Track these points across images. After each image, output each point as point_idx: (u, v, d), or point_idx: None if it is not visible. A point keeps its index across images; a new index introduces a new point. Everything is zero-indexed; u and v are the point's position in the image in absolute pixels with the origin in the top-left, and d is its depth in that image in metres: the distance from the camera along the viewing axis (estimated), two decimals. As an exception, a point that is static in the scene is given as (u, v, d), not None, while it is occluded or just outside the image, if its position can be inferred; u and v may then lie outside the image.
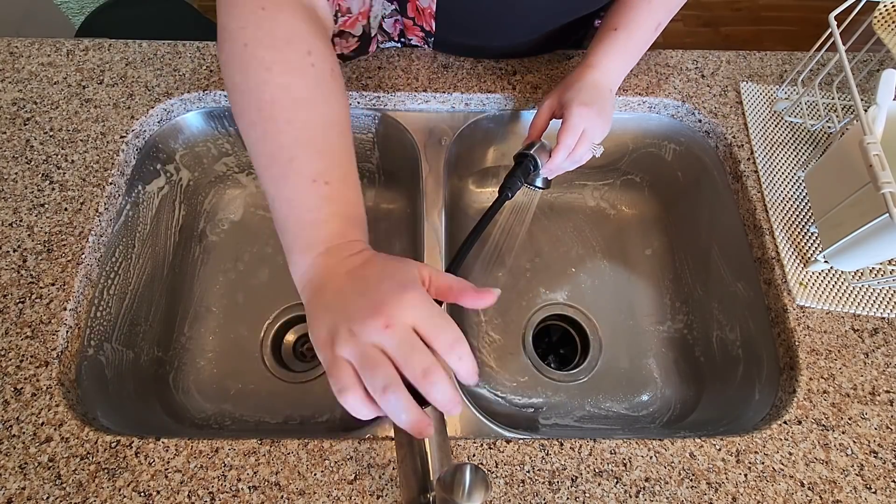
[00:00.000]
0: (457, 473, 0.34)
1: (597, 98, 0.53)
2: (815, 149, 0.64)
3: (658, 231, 0.78)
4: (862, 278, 0.55)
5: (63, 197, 0.57)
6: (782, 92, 0.67)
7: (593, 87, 0.53)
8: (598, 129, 0.53)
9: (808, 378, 0.51)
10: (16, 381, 0.48)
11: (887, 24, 0.60)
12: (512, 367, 0.70)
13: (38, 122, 0.62)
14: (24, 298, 0.51)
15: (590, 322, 0.72)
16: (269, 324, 0.70)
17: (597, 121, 0.52)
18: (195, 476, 0.45)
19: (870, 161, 0.44)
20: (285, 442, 0.47)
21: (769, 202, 0.60)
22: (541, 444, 0.47)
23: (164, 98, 0.64)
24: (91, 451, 0.46)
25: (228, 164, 0.75)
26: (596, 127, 0.52)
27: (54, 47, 0.67)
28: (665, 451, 0.47)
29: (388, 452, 0.47)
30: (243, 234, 0.75)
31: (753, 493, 0.46)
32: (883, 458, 0.47)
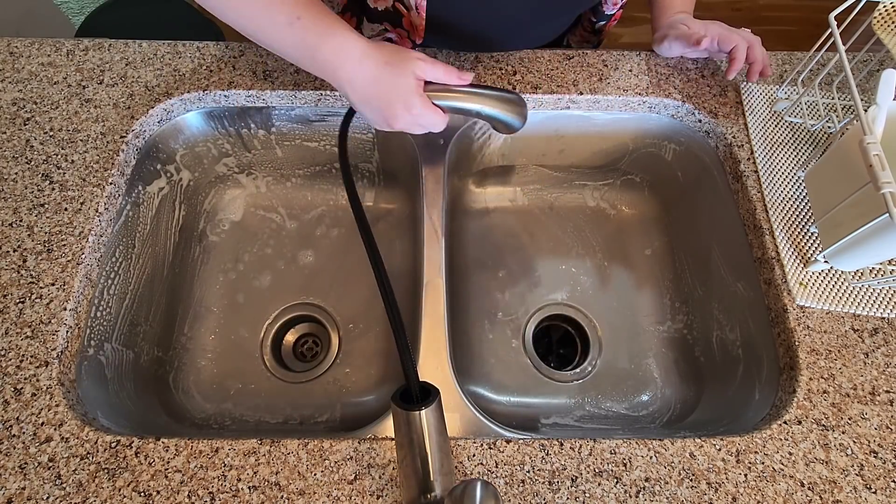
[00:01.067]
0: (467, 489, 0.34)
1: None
2: (815, 149, 0.64)
3: (658, 231, 0.78)
4: (862, 278, 0.55)
5: (63, 197, 0.57)
6: (782, 92, 0.67)
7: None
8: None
9: (808, 378, 0.51)
10: (16, 381, 0.48)
11: (887, 25, 0.60)
12: (512, 367, 0.70)
13: (38, 122, 0.62)
14: (24, 298, 0.51)
15: (590, 322, 0.72)
16: (269, 324, 0.70)
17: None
18: (195, 476, 0.45)
19: (870, 161, 0.44)
20: (285, 442, 0.47)
21: (769, 202, 0.60)
22: (541, 444, 0.47)
23: (164, 98, 0.64)
24: (91, 451, 0.46)
25: (229, 164, 0.75)
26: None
27: (54, 47, 0.67)
28: (665, 451, 0.47)
29: (388, 452, 0.47)
30: (243, 234, 0.75)
31: (753, 493, 0.46)
32: (883, 458, 0.47)
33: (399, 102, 0.47)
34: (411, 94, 0.47)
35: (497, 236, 0.78)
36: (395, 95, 0.47)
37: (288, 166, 0.76)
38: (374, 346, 0.70)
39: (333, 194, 0.78)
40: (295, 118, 0.69)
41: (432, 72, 0.48)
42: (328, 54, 0.47)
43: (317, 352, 0.71)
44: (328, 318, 0.71)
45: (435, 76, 0.48)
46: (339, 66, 0.47)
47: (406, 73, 0.47)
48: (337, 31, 0.47)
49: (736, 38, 0.64)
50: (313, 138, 0.72)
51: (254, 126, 0.70)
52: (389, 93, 0.47)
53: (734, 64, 0.64)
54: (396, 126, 0.49)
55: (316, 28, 0.47)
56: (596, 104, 0.68)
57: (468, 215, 0.79)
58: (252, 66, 0.66)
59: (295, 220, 0.77)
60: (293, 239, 0.76)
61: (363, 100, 0.48)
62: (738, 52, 0.63)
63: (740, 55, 0.64)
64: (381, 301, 0.71)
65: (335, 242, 0.76)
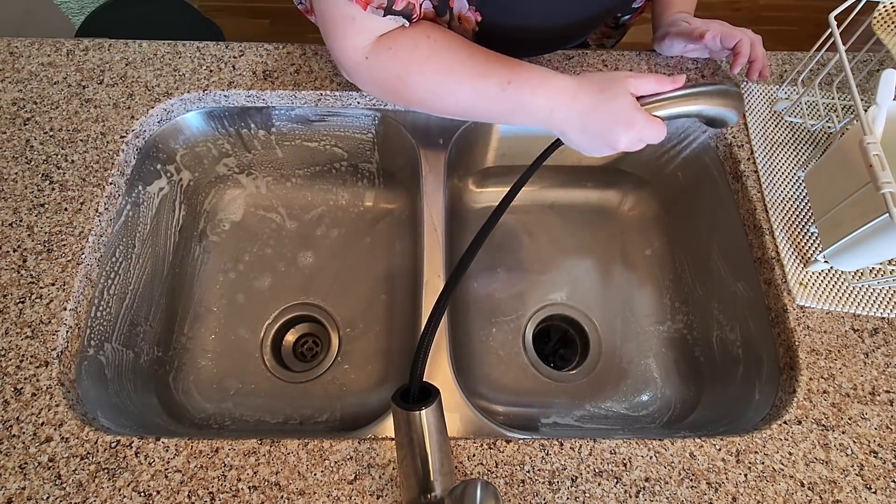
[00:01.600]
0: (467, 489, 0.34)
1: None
2: (815, 149, 0.64)
3: (658, 231, 0.78)
4: (862, 278, 0.55)
5: (63, 197, 0.57)
6: (782, 92, 0.67)
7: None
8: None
9: (808, 378, 0.51)
10: (16, 381, 0.48)
11: (887, 25, 0.60)
12: (512, 366, 0.70)
13: (38, 122, 0.62)
14: (24, 298, 0.51)
15: (590, 322, 0.72)
16: (269, 324, 0.70)
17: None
18: (195, 476, 0.45)
19: (870, 161, 0.44)
20: (285, 442, 0.47)
21: (769, 202, 0.60)
22: (541, 444, 0.47)
23: (164, 98, 0.64)
24: (91, 451, 0.46)
25: (229, 164, 0.75)
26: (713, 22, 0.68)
27: (54, 47, 0.67)
28: (665, 451, 0.47)
29: (388, 452, 0.47)
30: (243, 234, 0.75)
31: (753, 493, 0.46)
32: (883, 458, 0.47)
33: (620, 124, 0.47)
34: (631, 112, 0.47)
35: (497, 236, 0.78)
36: (614, 118, 0.47)
37: (288, 166, 0.76)
38: (374, 346, 0.70)
39: (333, 194, 0.78)
40: (295, 118, 0.69)
41: (644, 85, 0.48)
42: (543, 103, 0.49)
43: (317, 352, 0.71)
44: (328, 318, 0.71)
45: (647, 88, 0.48)
46: (554, 109, 0.49)
47: (620, 93, 0.47)
48: (545, 80, 0.49)
49: (739, 34, 0.64)
50: (313, 138, 0.72)
51: (254, 126, 0.70)
52: (609, 117, 0.48)
53: (738, 58, 0.64)
54: (620, 147, 0.49)
55: (527, 86, 0.49)
56: (596, 104, 0.68)
57: (468, 215, 0.79)
58: (252, 66, 0.66)
59: (295, 221, 0.77)
60: (293, 239, 0.76)
61: (583, 131, 0.49)
62: (742, 47, 0.64)
63: (745, 49, 0.64)
64: (380, 301, 0.72)
65: (335, 242, 0.76)
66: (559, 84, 0.49)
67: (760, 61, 0.65)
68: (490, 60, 0.50)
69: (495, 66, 0.50)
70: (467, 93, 0.50)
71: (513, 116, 0.51)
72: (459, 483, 0.35)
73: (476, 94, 0.50)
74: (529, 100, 0.49)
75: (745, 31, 0.65)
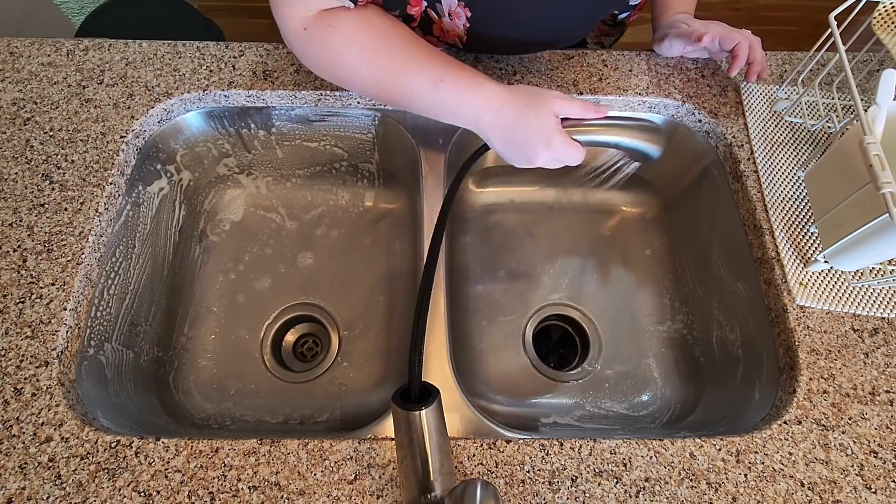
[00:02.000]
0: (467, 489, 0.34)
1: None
2: (815, 149, 0.64)
3: (658, 231, 0.78)
4: (862, 278, 0.55)
5: (63, 197, 0.57)
6: (782, 92, 0.67)
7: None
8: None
9: (808, 378, 0.51)
10: (16, 381, 0.48)
11: (886, 25, 0.60)
12: (512, 366, 0.70)
13: (38, 122, 0.62)
14: (24, 298, 0.51)
15: (590, 322, 0.72)
16: (269, 324, 0.70)
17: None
18: (195, 476, 0.45)
19: (870, 161, 0.44)
20: (285, 442, 0.47)
21: (769, 202, 0.60)
22: (541, 444, 0.47)
23: (164, 98, 0.64)
24: (91, 451, 0.46)
25: (229, 164, 0.75)
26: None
27: (54, 47, 0.67)
28: (665, 451, 0.47)
29: (388, 452, 0.47)
30: (243, 234, 0.75)
31: (753, 493, 0.46)
32: (883, 458, 0.47)
33: (540, 141, 0.49)
34: (551, 133, 0.48)
35: (497, 236, 0.78)
36: (535, 135, 0.49)
37: (288, 166, 0.76)
38: (374, 346, 0.70)
39: (333, 194, 0.78)
40: (295, 118, 0.69)
41: (569, 108, 0.50)
42: (471, 107, 0.51)
43: (317, 352, 0.71)
44: (328, 318, 0.71)
45: (571, 112, 0.50)
46: (482, 115, 0.51)
47: (544, 112, 0.49)
48: (476, 84, 0.50)
49: (738, 37, 0.64)
50: (313, 138, 0.72)
51: (254, 126, 0.70)
52: (530, 133, 0.49)
53: (736, 61, 0.64)
54: (537, 162, 0.50)
55: (457, 86, 0.50)
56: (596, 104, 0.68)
57: (468, 215, 0.79)
58: (252, 66, 0.66)
59: (295, 221, 0.77)
60: (293, 239, 0.76)
61: (505, 141, 0.51)
62: (741, 49, 0.64)
63: (743, 52, 0.64)
64: (380, 301, 0.72)
65: (335, 242, 0.76)
66: (489, 92, 0.50)
67: (759, 63, 0.65)
68: (428, 56, 0.51)
69: (431, 62, 0.50)
70: (398, 84, 0.51)
71: (442, 114, 0.52)
72: (459, 483, 0.35)
73: (407, 87, 0.51)
74: (458, 102, 0.51)
75: (745, 32, 0.65)
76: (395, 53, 0.50)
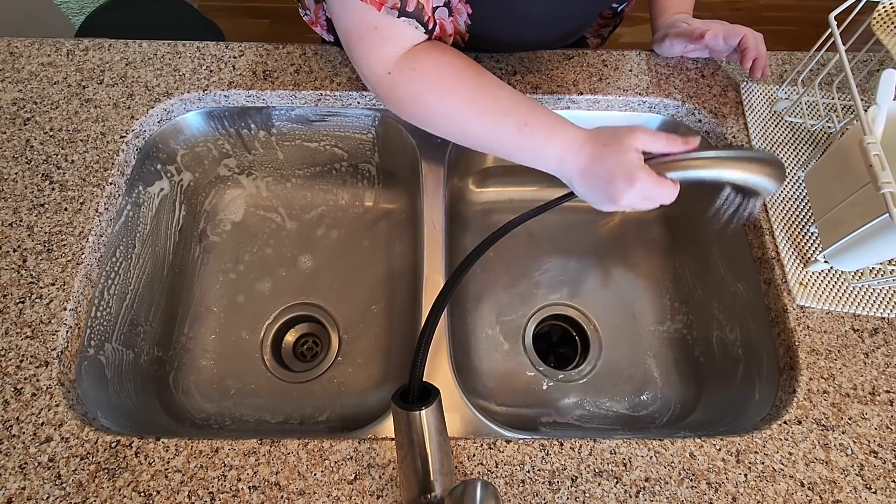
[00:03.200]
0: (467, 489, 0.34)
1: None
2: (815, 149, 0.64)
3: (658, 231, 0.78)
4: (862, 278, 0.55)
5: (63, 197, 0.57)
6: (782, 92, 0.67)
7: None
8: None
9: (808, 378, 0.51)
10: (16, 381, 0.48)
11: (886, 25, 0.60)
12: (512, 366, 0.70)
13: (38, 122, 0.62)
14: (24, 298, 0.51)
15: (590, 322, 0.72)
16: (269, 324, 0.70)
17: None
18: (195, 476, 0.45)
19: (870, 161, 0.44)
20: (285, 442, 0.47)
21: (769, 202, 0.60)
22: (541, 444, 0.47)
23: (164, 98, 0.64)
24: (91, 451, 0.46)
25: (229, 164, 0.75)
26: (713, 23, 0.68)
27: (54, 47, 0.67)
28: (665, 451, 0.47)
29: (388, 452, 0.47)
30: (243, 234, 0.75)
31: (753, 493, 0.46)
32: (883, 458, 0.47)
33: (620, 178, 0.47)
34: (634, 169, 0.46)
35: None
36: (616, 172, 0.47)
37: (288, 167, 0.76)
38: (374, 346, 0.70)
39: (333, 195, 0.78)
40: (295, 118, 0.69)
41: (653, 143, 0.47)
42: (554, 150, 0.50)
43: (317, 352, 0.71)
44: (328, 318, 0.71)
45: (654, 146, 0.48)
46: (564, 157, 0.50)
47: (625, 148, 0.47)
48: (560, 128, 0.50)
49: (742, 30, 0.64)
50: (313, 138, 0.72)
51: (254, 126, 0.70)
52: (611, 171, 0.47)
53: (748, 52, 0.63)
54: (622, 202, 0.48)
55: (542, 130, 0.50)
56: (596, 104, 0.68)
57: (468, 215, 0.79)
58: (252, 66, 0.66)
59: (295, 221, 0.77)
60: (293, 239, 0.76)
61: (586, 182, 0.50)
62: (749, 41, 0.63)
63: (752, 44, 0.63)
64: (380, 301, 0.72)
65: (335, 243, 0.76)
66: (570, 133, 0.50)
67: (763, 59, 0.64)
68: (513, 99, 0.51)
69: (516, 105, 0.51)
70: (484, 127, 0.51)
71: (523, 156, 0.52)
72: (459, 483, 0.35)
73: (492, 130, 0.51)
74: (542, 144, 0.50)
75: (747, 29, 0.65)
76: (481, 98, 0.51)
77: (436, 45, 0.52)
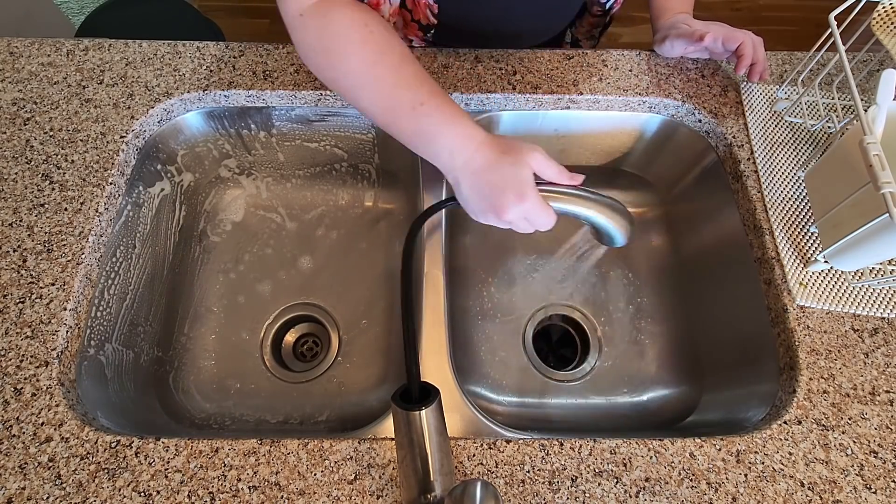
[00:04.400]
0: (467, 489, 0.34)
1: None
2: (815, 149, 0.64)
3: (658, 231, 0.78)
4: (862, 278, 0.55)
5: (63, 197, 0.57)
6: (782, 92, 0.67)
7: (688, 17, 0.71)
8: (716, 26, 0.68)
9: (808, 378, 0.51)
10: (16, 381, 0.48)
11: (886, 25, 0.60)
12: (512, 366, 0.70)
13: (38, 122, 0.62)
14: (24, 298, 0.51)
15: (590, 322, 0.72)
16: (270, 324, 0.70)
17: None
18: (195, 476, 0.45)
19: (870, 161, 0.44)
20: (285, 442, 0.47)
21: (769, 202, 0.60)
22: (541, 444, 0.47)
23: (164, 98, 0.64)
24: (91, 451, 0.46)
25: (229, 165, 0.75)
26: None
27: (54, 47, 0.67)
28: (665, 451, 0.47)
29: (388, 452, 0.47)
30: (244, 234, 0.75)
31: (753, 493, 0.46)
32: (883, 458, 0.47)
33: (512, 191, 0.45)
34: (526, 185, 0.45)
35: (497, 236, 0.78)
36: (509, 184, 0.45)
37: (288, 167, 0.76)
38: (374, 346, 0.70)
39: (333, 195, 0.79)
40: (295, 118, 0.69)
41: (547, 168, 0.47)
42: (448, 141, 0.47)
43: (317, 352, 0.71)
44: (328, 318, 0.71)
45: (548, 173, 0.47)
46: (457, 151, 0.47)
47: (522, 163, 0.45)
48: (459, 119, 0.47)
49: (741, 36, 0.64)
50: (313, 139, 0.72)
51: (254, 126, 0.70)
52: (505, 181, 0.45)
53: (743, 60, 0.64)
54: (504, 217, 0.46)
55: (438, 115, 0.47)
56: (596, 104, 0.68)
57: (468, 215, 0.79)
58: (252, 66, 0.66)
59: (295, 221, 0.77)
60: (293, 239, 0.76)
61: (474, 187, 0.47)
62: (746, 48, 0.64)
63: (748, 51, 0.64)
64: (380, 301, 0.72)
65: (335, 243, 0.76)
66: (468, 130, 0.47)
67: (761, 64, 0.65)
68: (417, 76, 0.48)
69: (419, 83, 0.48)
70: (380, 95, 0.48)
71: (415, 140, 0.49)
72: (459, 483, 0.35)
73: (388, 101, 0.48)
74: (436, 131, 0.47)
75: (747, 33, 0.65)
76: (386, 64, 0.48)
77: (358, 5, 0.50)
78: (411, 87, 0.48)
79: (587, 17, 0.77)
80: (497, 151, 0.46)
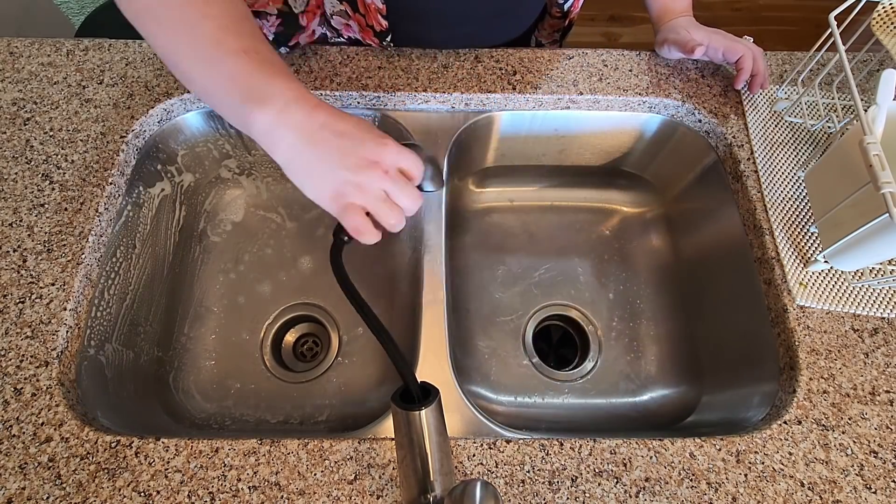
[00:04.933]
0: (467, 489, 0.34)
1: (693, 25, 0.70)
2: (815, 149, 0.64)
3: (658, 231, 0.78)
4: (862, 278, 0.55)
5: (63, 197, 0.57)
6: (782, 92, 0.67)
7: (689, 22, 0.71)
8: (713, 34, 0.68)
9: (808, 378, 0.51)
10: (16, 381, 0.48)
11: (886, 25, 0.60)
12: (512, 366, 0.70)
13: (38, 122, 0.62)
14: (24, 298, 0.51)
15: (590, 322, 0.72)
16: (269, 324, 0.70)
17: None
18: (195, 476, 0.45)
19: (870, 161, 0.44)
20: (285, 442, 0.47)
21: (769, 202, 0.60)
22: (541, 444, 0.47)
23: (164, 98, 0.64)
24: (91, 451, 0.46)
25: (229, 165, 0.75)
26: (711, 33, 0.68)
27: (54, 47, 0.67)
28: (665, 451, 0.47)
29: (388, 452, 0.47)
30: (243, 234, 0.75)
31: (753, 493, 0.46)
32: (883, 458, 0.47)
33: (371, 139, 0.38)
34: (384, 135, 0.39)
35: (497, 236, 0.78)
36: (365, 131, 0.39)
37: (288, 166, 0.76)
38: (375, 346, 0.70)
39: (333, 194, 0.78)
40: (295, 118, 0.69)
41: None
42: (279, 91, 0.39)
43: (317, 352, 0.71)
44: (328, 318, 0.71)
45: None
46: (291, 103, 0.39)
47: (377, 134, 0.40)
48: (292, 76, 0.41)
49: (741, 49, 0.65)
50: (313, 138, 0.72)
51: (254, 126, 0.70)
52: (358, 129, 0.39)
53: (741, 74, 0.65)
54: (366, 172, 0.38)
55: (270, 64, 0.40)
56: (596, 104, 0.68)
57: (468, 215, 0.79)
58: (252, 66, 0.66)
59: (295, 221, 0.77)
60: (293, 239, 0.76)
61: (320, 143, 0.38)
62: (745, 62, 0.64)
63: (747, 65, 0.64)
64: (380, 301, 0.72)
65: (335, 242, 0.76)
66: (304, 89, 0.40)
67: (761, 76, 0.65)
68: (255, 32, 0.41)
69: (253, 35, 0.41)
70: (208, 35, 0.40)
71: (231, 90, 0.40)
72: (459, 483, 0.35)
73: (217, 40, 0.40)
74: (265, 79, 0.39)
75: (748, 44, 0.65)
76: (213, 16, 0.40)
77: None
78: (238, 34, 0.40)
79: (548, 20, 0.76)
80: (343, 116, 0.40)
